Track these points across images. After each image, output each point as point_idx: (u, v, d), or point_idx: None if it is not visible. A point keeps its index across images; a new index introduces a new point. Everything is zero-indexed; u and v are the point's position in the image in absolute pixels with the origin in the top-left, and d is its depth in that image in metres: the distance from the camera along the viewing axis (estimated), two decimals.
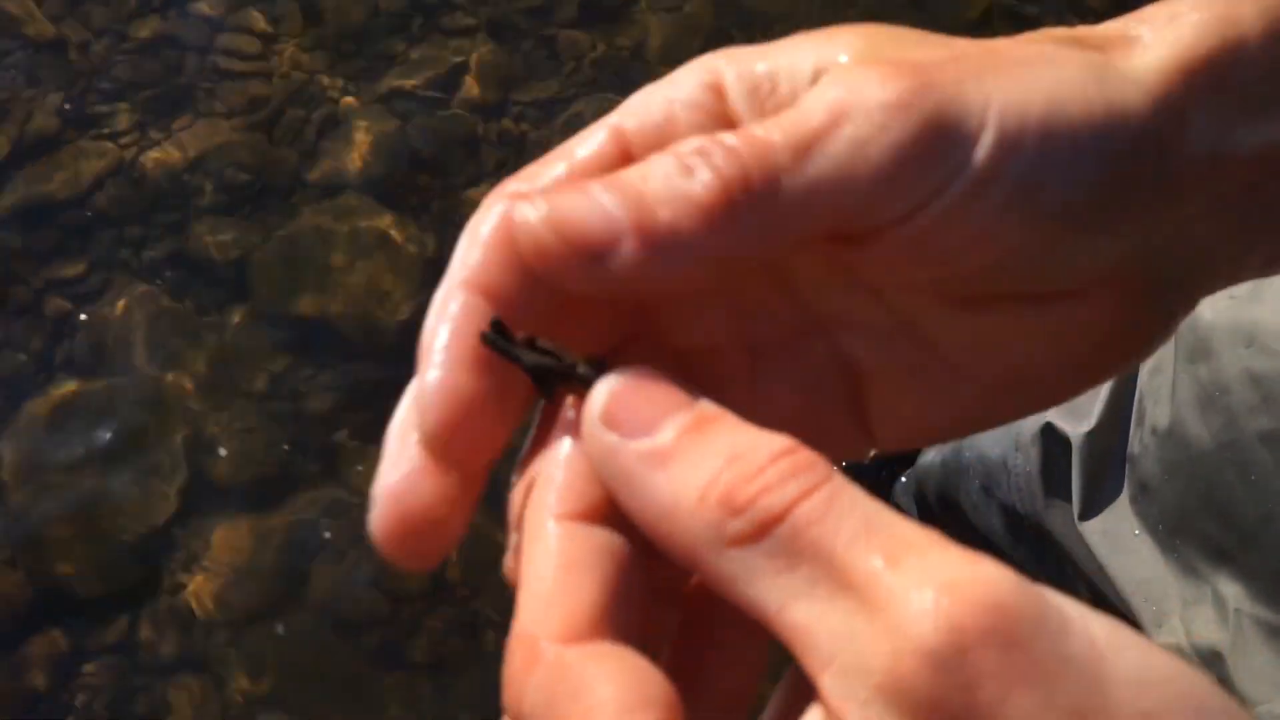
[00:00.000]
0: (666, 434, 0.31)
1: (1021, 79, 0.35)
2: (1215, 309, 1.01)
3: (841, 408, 0.39)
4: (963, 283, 0.36)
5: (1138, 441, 1.03)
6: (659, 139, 0.35)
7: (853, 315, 0.38)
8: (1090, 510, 1.06)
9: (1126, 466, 1.04)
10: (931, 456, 1.34)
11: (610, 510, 0.33)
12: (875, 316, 0.38)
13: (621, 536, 0.33)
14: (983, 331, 0.37)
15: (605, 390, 0.32)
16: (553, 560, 0.32)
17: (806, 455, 0.30)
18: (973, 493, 1.19)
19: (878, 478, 1.49)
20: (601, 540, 0.33)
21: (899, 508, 1.23)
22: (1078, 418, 1.06)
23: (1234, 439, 0.96)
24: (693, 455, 0.31)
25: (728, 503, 0.30)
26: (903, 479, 1.46)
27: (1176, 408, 1.00)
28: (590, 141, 0.36)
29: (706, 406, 0.32)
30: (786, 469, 0.30)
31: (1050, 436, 1.08)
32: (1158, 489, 1.01)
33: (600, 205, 0.33)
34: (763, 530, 0.29)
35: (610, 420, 0.32)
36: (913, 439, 0.40)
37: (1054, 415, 1.08)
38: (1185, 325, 1.01)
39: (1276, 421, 0.94)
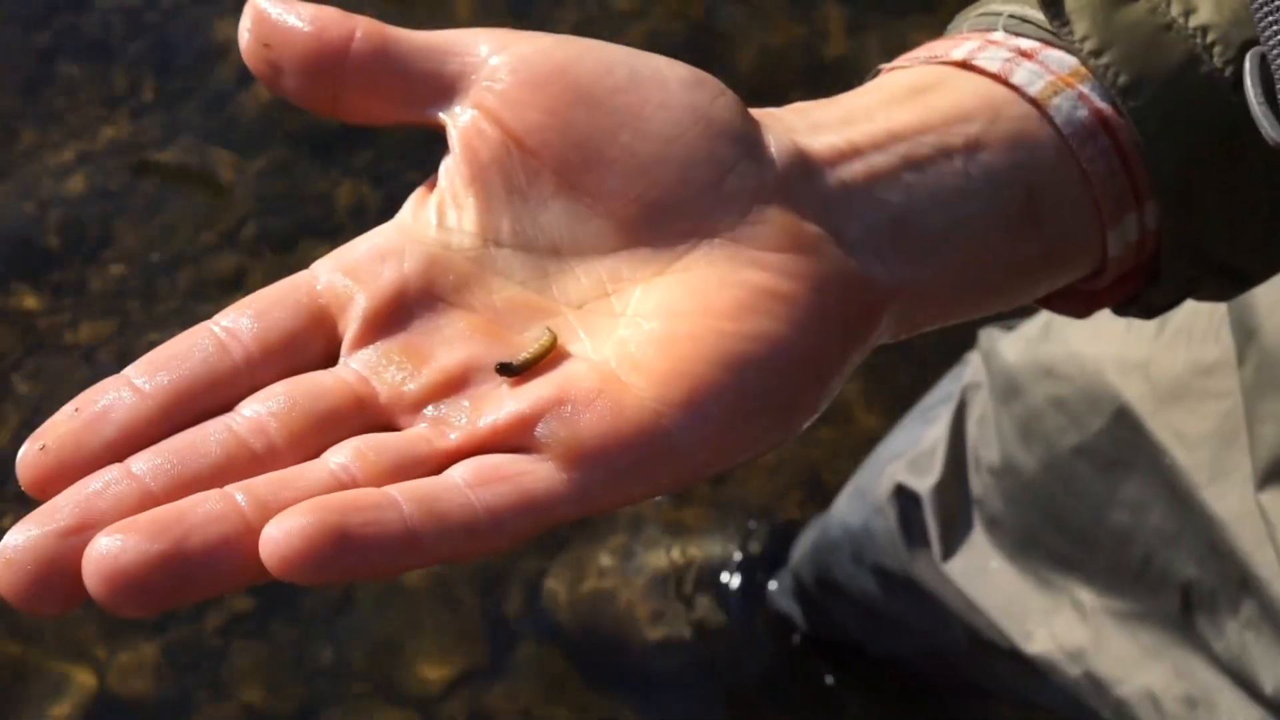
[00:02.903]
0: None
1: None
2: (1015, 351, 1.17)
3: None
4: None
5: (978, 483, 1.17)
6: None
7: None
8: (950, 552, 1.19)
9: (973, 507, 1.18)
10: (801, 548, 1.47)
11: None
12: None
13: None
14: None
15: None
16: None
17: None
18: (845, 564, 1.31)
19: (750, 586, 1.60)
20: None
21: (781, 612, 1.36)
22: (923, 474, 1.20)
23: (1054, 459, 1.10)
24: None
25: None
26: (773, 584, 1.58)
27: (1003, 445, 1.14)
28: None
29: None
30: None
31: (902, 495, 1.21)
32: (1003, 520, 1.15)
33: None
34: None
35: None
36: None
37: (902, 476, 1.21)
38: (996, 371, 1.16)
39: (1083, 435, 1.08)
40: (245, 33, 0.49)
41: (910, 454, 1.22)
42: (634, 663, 1.60)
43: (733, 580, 1.60)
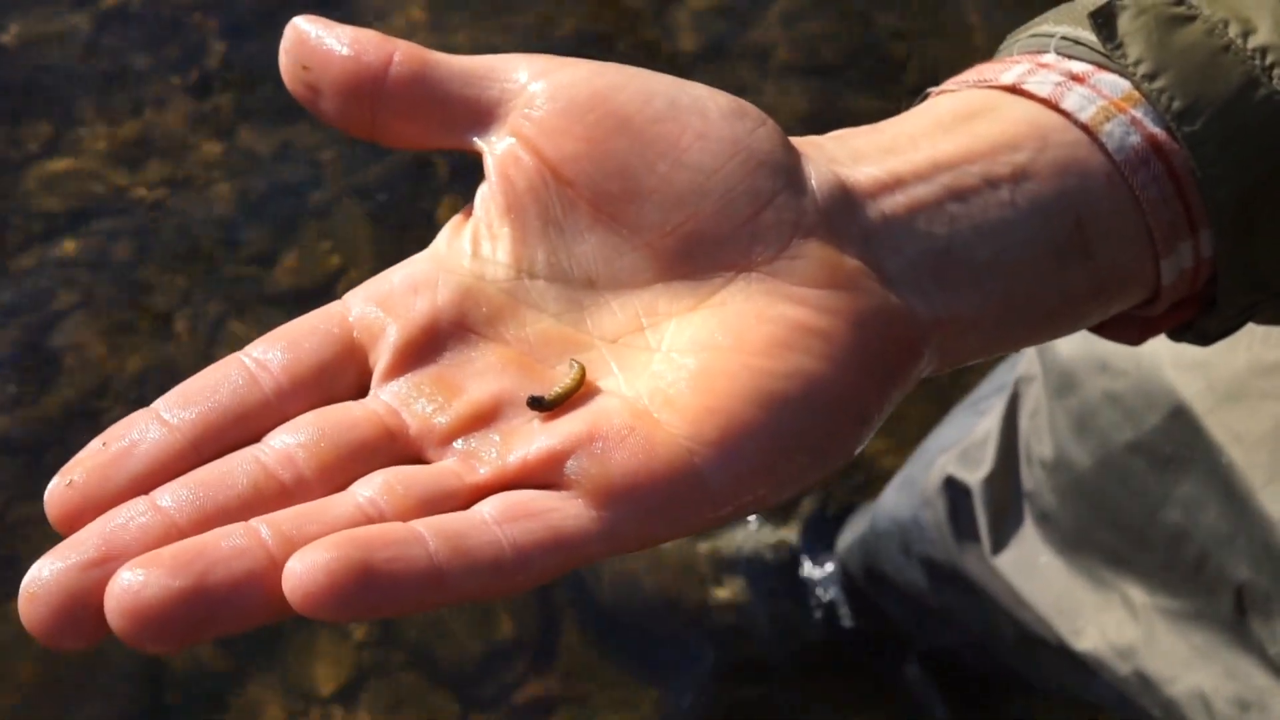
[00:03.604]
0: None
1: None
2: (1070, 344, 1.15)
3: None
4: None
5: (1030, 477, 1.15)
6: None
7: None
8: (999, 545, 1.17)
9: (1024, 501, 1.17)
10: (849, 538, 1.46)
11: None
12: None
13: None
14: None
15: None
16: None
17: None
18: (894, 556, 1.31)
19: (797, 573, 1.60)
20: None
21: (826, 600, 1.35)
22: (973, 466, 1.19)
23: (1108, 455, 1.08)
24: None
25: None
26: (819, 572, 1.57)
27: (1056, 440, 1.12)
28: None
29: None
30: None
31: (952, 487, 1.20)
32: (1055, 515, 1.13)
33: None
34: None
35: None
36: None
37: (952, 468, 1.20)
38: (1050, 365, 1.15)
39: (1138, 431, 1.07)
40: (284, 54, 0.49)
41: (961, 445, 1.20)
42: (676, 645, 1.60)
43: (778, 566, 1.60)
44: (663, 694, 1.59)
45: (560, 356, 0.48)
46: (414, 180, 1.87)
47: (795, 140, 0.50)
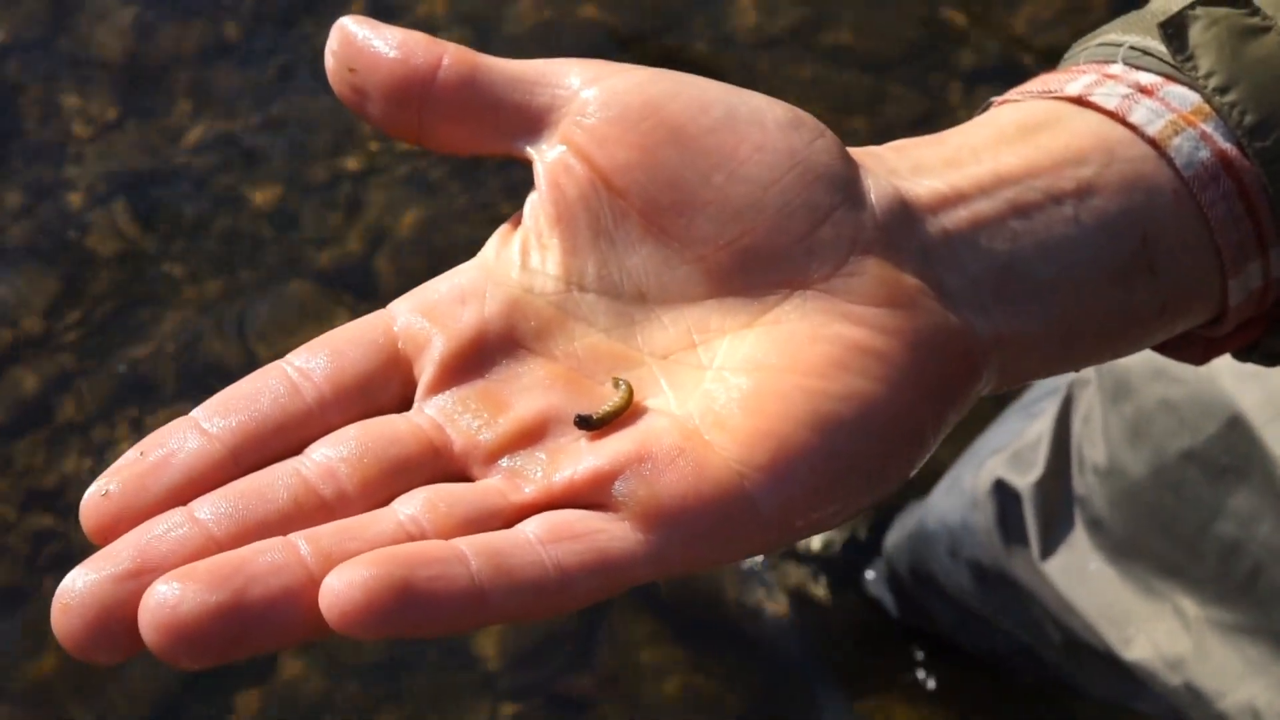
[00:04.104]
0: None
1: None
2: None
3: None
4: None
5: (1082, 483, 1.14)
6: None
7: None
8: (1049, 551, 1.16)
9: (1075, 506, 1.15)
10: (897, 537, 1.44)
11: None
12: None
13: None
14: None
15: None
16: None
17: None
18: (942, 558, 1.29)
19: (845, 573, 1.58)
20: None
21: (875, 599, 1.32)
22: (1024, 470, 1.17)
23: (1163, 463, 1.06)
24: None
25: None
26: (870, 572, 1.56)
27: (1110, 446, 1.10)
28: None
29: None
30: None
31: (1002, 490, 1.18)
32: (1107, 521, 1.12)
33: None
34: None
35: None
36: None
37: (1002, 471, 1.18)
38: (1105, 369, 1.13)
39: (1194, 439, 1.05)
40: (330, 55, 0.48)
41: (1012, 448, 1.19)
42: (719, 641, 1.60)
43: (824, 564, 1.59)
44: (705, 689, 1.59)
45: (609, 372, 0.46)
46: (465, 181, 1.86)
47: (854, 151, 0.48)
